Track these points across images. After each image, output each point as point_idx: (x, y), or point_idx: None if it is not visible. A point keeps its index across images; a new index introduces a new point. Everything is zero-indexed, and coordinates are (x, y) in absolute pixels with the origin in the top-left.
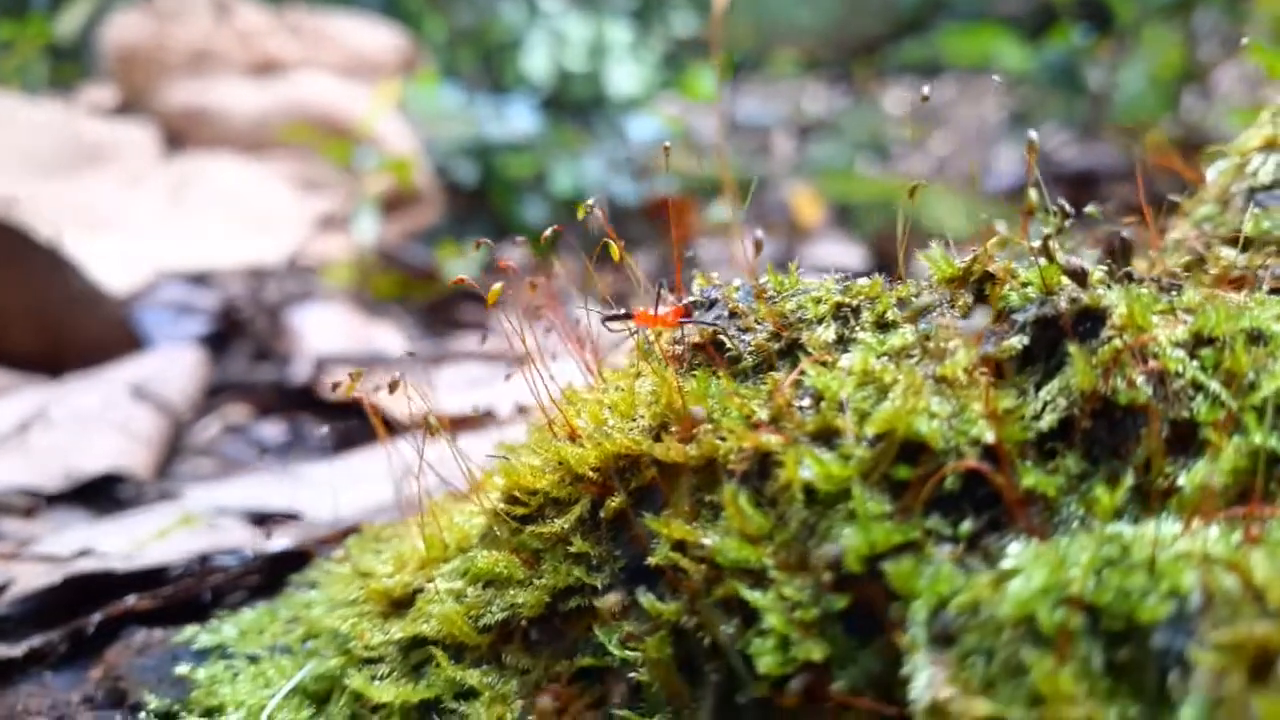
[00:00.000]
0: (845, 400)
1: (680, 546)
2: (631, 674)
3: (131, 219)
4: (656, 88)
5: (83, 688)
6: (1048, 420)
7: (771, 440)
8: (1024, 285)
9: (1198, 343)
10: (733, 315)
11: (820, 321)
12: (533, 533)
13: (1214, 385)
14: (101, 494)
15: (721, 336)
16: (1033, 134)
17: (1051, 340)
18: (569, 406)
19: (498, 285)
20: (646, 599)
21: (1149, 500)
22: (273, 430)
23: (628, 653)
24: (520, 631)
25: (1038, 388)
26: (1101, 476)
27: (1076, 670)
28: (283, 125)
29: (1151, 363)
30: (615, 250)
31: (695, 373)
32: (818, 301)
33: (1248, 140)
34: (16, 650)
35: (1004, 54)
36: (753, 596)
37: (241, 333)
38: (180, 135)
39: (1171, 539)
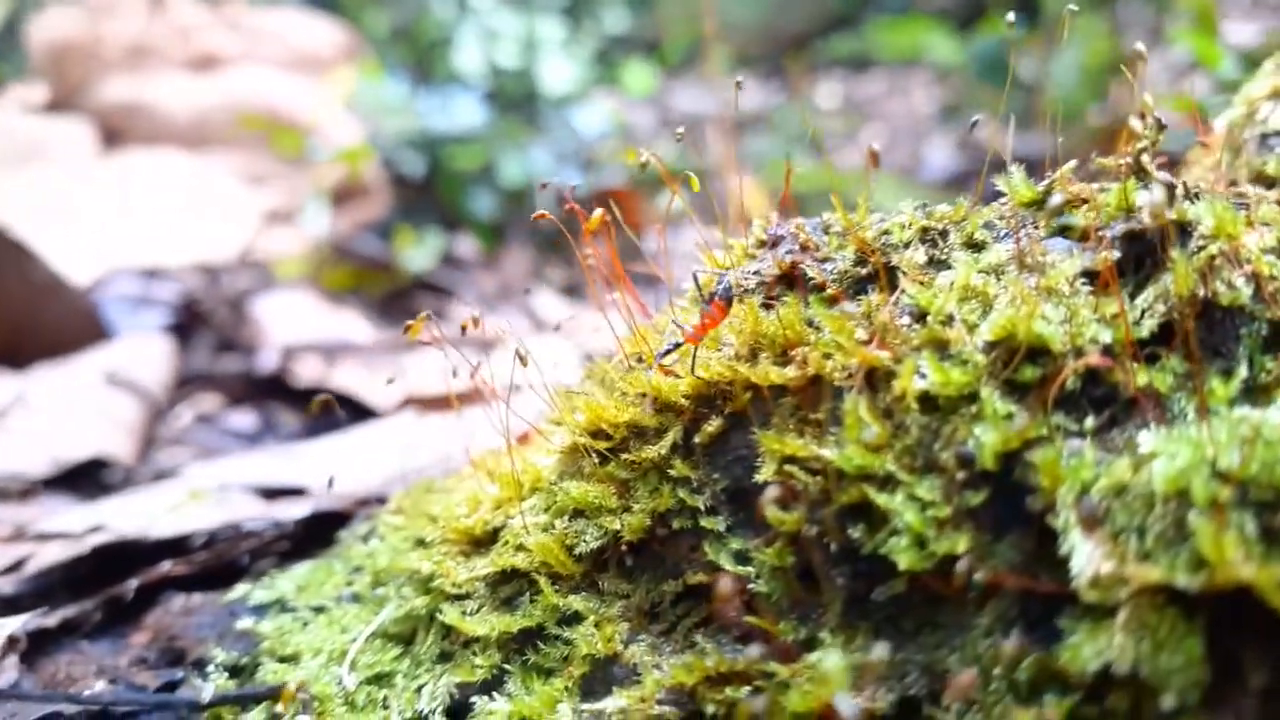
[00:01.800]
0: (954, 313)
1: (789, 462)
2: (750, 585)
3: (73, 216)
4: (590, 84)
5: (128, 652)
6: (1148, 325)
7: (881, 355)
8: (1103, 206)
9: None
10: (804, 249)
11: (908, 245)
12: (624, 461)
13: None
14: (88, 479)
15: (803, 266)
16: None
17: (1139, 254)
18: (651, 340)
19: (597, 213)
20: (770, 510)
21: (1255, 394)
22: (244, 419)
23: (742, 567)
24: (616, 558)
25: (1131, 297)
26: (1207, 373)
27: (1234, 537)
28: (224, 121)
29: (1246, 266)
30: (695, 181)
31: (785, 298)
32: (903, 227)
33: (1256, 89)
34: (50, 620)
35: (934, 46)
36: (883, 499)
37: (203, 324)
38: (118, 132)
39: None
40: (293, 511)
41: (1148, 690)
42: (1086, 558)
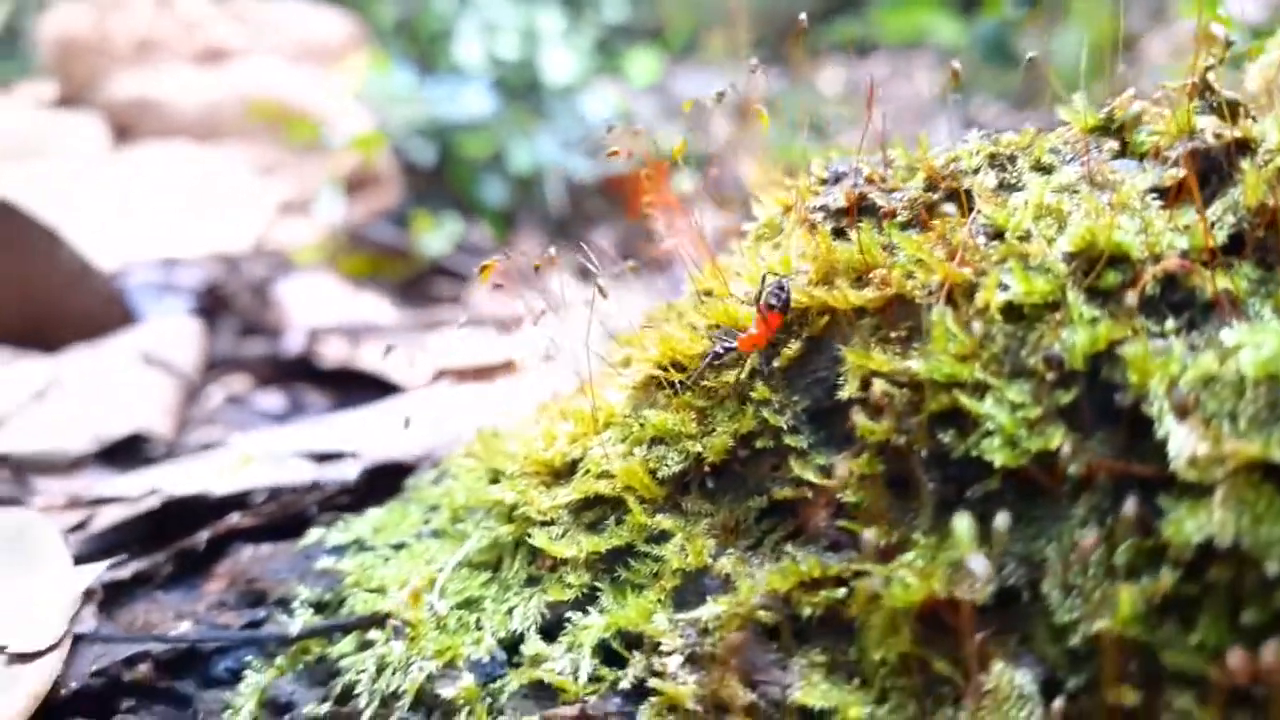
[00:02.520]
0: (1031, 229)
1: (875, 376)
2: (838, 495)
3: (87, 210)
4: (591, 74)
5: (204, 599)
6: (1219, 236)
7: (963, 270)
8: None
9: None
10: (869, 182)
11: (977, 171)
12: (702, 389)
13: None
14: (129, 455)
15: (871, 196)
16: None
17: (1204, 171)
18: (723, 272)
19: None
20: (860, 419)
21: None
22: (273, 400)
23: (828, 480)
24: (698, 481)
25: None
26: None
27: None
28: (234, 113)
29: None
30: (764, 118)
31: (859, 223)
32: (971, 154)
33: None
34: (124, 572)
35: (937, 29)
36: (973, 405)
37: (227, 308)
38: (128, 127)
39: None
40: (349, 470)
41: (1250, 561)
42: (1183, 440)
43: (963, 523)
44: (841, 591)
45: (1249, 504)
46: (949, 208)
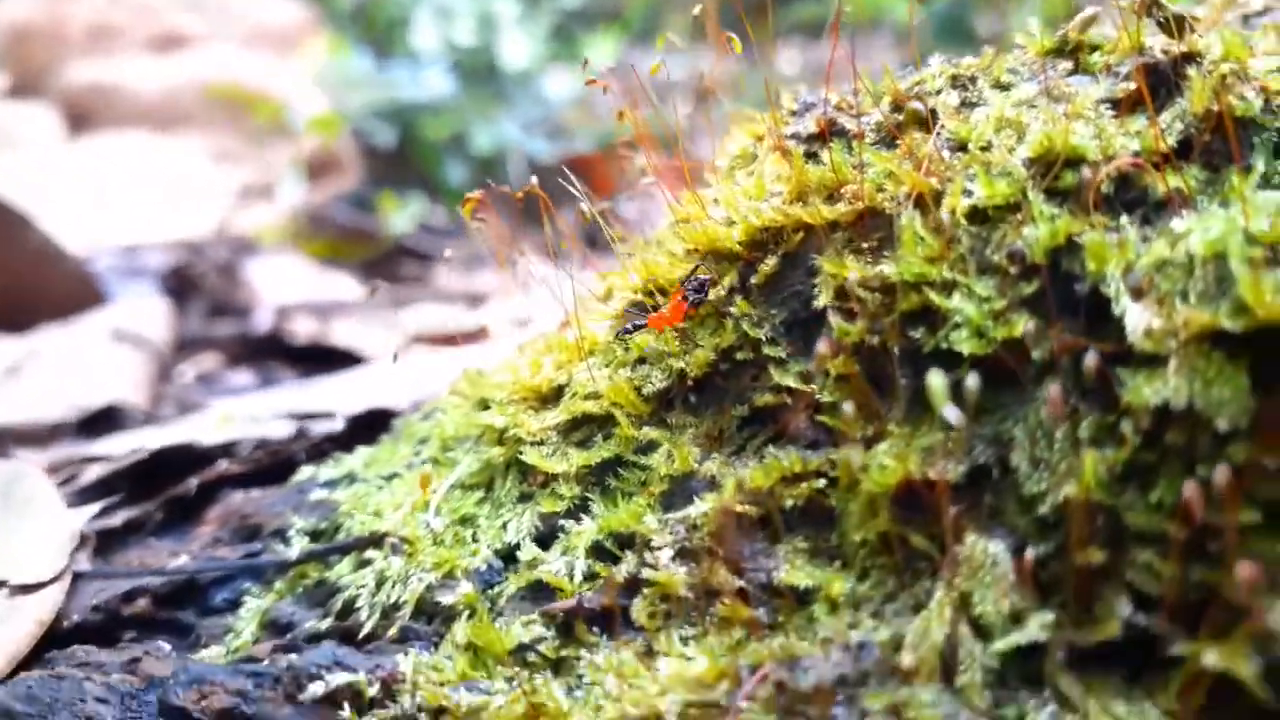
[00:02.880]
0: (992, 140)
1: (843, 290)
2: (817, 396)
3: (45, 199)
4: (547, 59)
5: (196, 541)
6: (1168, 142)
7: (930, 180)
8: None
9: None
10: (838, 109)
11: (939, 92)
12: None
13: None
14: (107, 425)
15: (841, 121)
16: None
17: (1152, 86)
18: (701, 199)
19: None
20: (835, 320)
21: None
22: (244, 378)
23: (806, 385)
24: (682, 396)
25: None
26: (1227, 172)
27: (1270, 284)
28: (192, 100)
29: (1255, 83)
30: (737, 44)
31: (831, 143)
32: (934, 77)
33: None
34: (115, 520)
35: (894, 7)
36: (942, 301)
37: (194, 289)
38: (84, 115)
39: None
40: (335, 420)
41: (1202, 421)
42: (1138, 316)
43: (936, 379)
44: (821, 483)
45: (1200, 370)
46: (912, 128)
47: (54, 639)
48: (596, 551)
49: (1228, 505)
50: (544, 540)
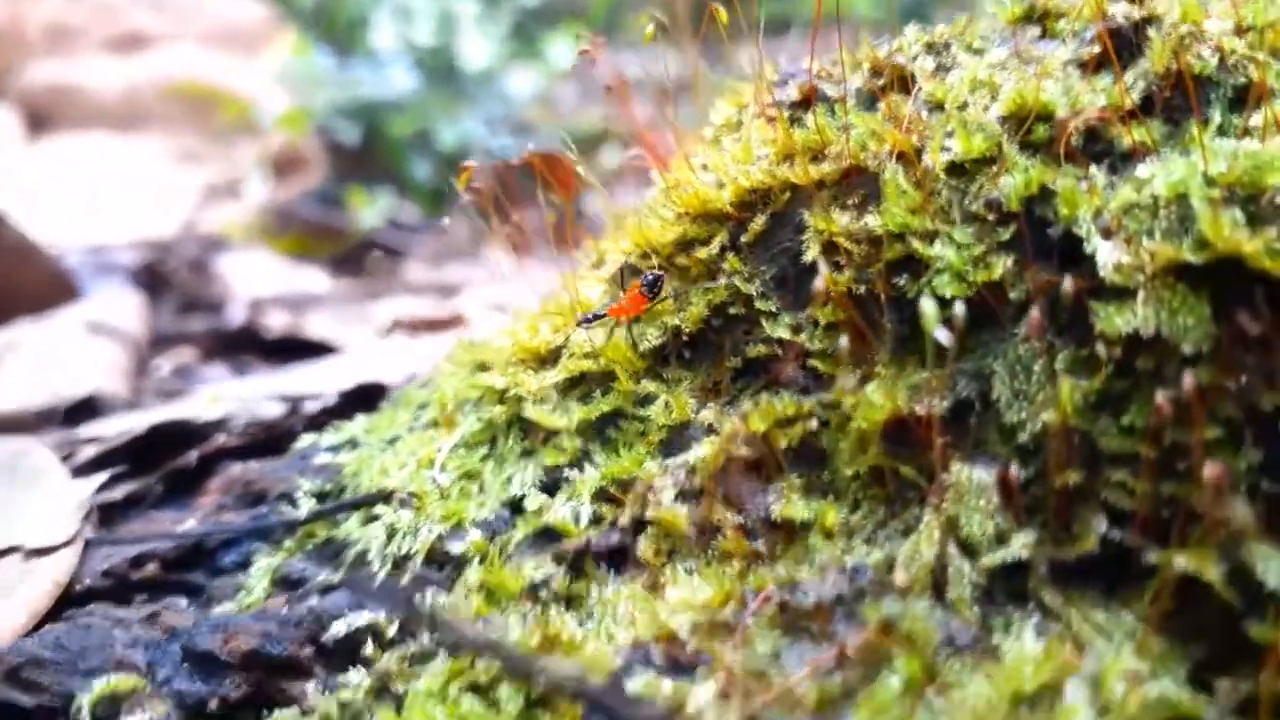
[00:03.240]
0: (968, 99)
1: (831, 243)
2: (807, 345)
3: (6, 202)
4: (508, 58)
5: (198, 511)
6: (1131, 99)
7: (910, 138)
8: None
9: (1238, 31)
10: (820, 78)
11: (916, 58)
12: (675, 269)
13: (1260, 55)
14: (88, 414)
15: (823, 88)
16: None
17: (1117, 48)
18: (689, 164)
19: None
20: (825, 271)
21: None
22: (219, 372)
23: (797, 336)
24: (676, 352)
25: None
26: (1185, 129)
27: (1228, 220)
28: (154, 99)
29: (1210, 43)
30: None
31: (814, 108)
32: (910, 44)
33: None
34: (116, 493)
35: (856, 3)
36: (925, 249)
37: (165, 286)
38: (44, 116)
39: (1265, 147)
40: (328, 395)
41: (1169, 348)
42: (1109, 253)
43: (928, 305)
44: (814, 424)
45: (1166, 301)
46: (891, 92)
47: (67, 602)
48: (600, 497)
49: (1194, 420)
50: (549, 490)
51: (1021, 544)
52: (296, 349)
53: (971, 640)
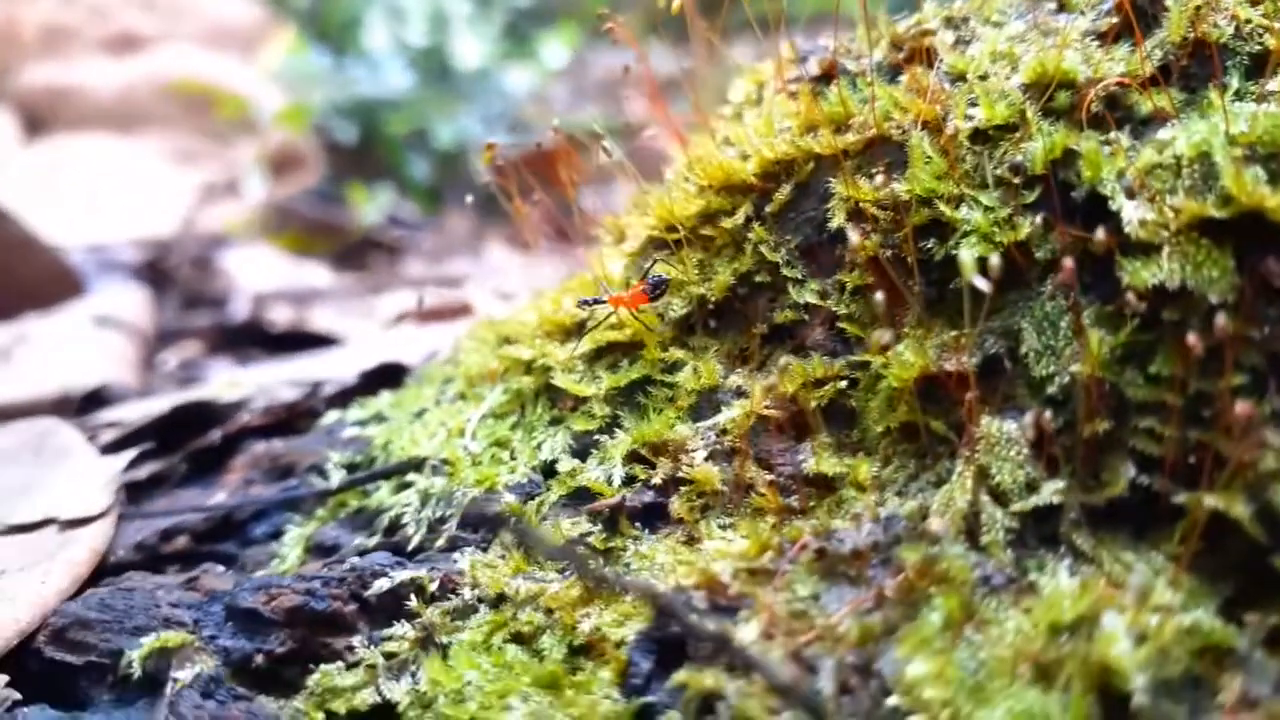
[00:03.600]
0: (989, 70)
1: (856, 210)
2: (835, 309)
3: (5, 201)
4: (499, 58)
5: (224, 489)
6: (1150, 66)
7: (932, 108)
8: None
9: (1253, 1)
10: (840, 54)
11: (935, 32)
12: (700, 240)
13: (1277, 24)
14: (99, 405)
15: (843, 63)
16: None
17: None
18: (713, 138)
19: None
20: (854, 236)
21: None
22: (224, 365)
23: (825, 301)
24: (701, 321)
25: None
26: (1203, 96)
27: (1250, 178)
28: (151, 100)
29: (1226, 12)
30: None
31: (836, 82)
32: (930, 18)
33: None
34: (140, 473)
35: None
36: (951, 213)
37: (168, 282)
38: (41, 118)
39: None
40: (348, 374)
41: (1195, 300)
42: (1133, 210)
43: (966, 254)
44: (844, 384)
45: (1190, 255)
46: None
47: (102, 574)
48: (632, 459)
49: (1225, 364)
50: (580, 455)
51: (1052, 490)
52: (301, 342)
53: (1006, 581)
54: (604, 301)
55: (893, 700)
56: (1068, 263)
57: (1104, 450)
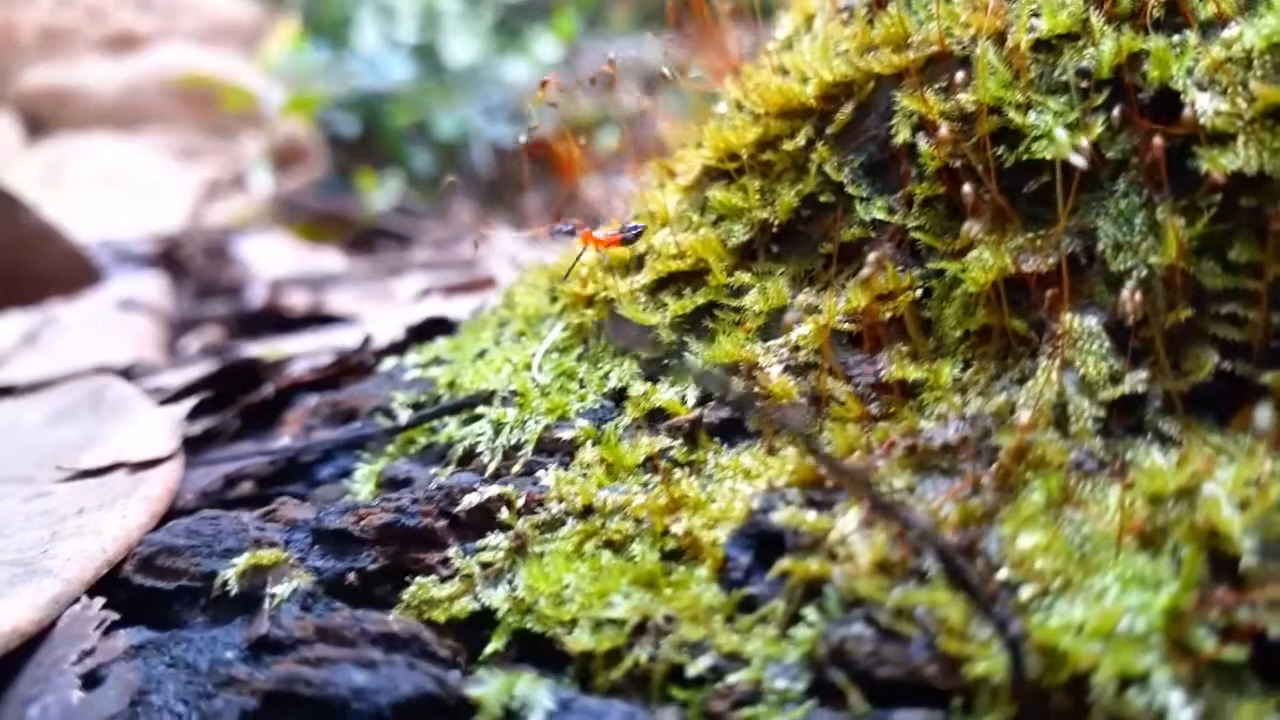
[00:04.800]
0: None
1: (921, 125)
2: (904, 222)
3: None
4: (491, 54)
5: (278, 440)
6: None
7: (994, 20)
8: None
9: None
10: None
11: None
12: (760, 165)
13: None
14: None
15: None
16: None
17: None
18: (770, 62)
19: None
20: (923, 144)
21: None
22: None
23: (892, 217)
24: (764, 246)
25: None
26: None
27: None
28: (152, 98)
29: None
30: None
31: (890, 4)
32: None
33: None
34: (195, 428)
35: None
36: (1020, 119)
37: (181, 272)
38: (42, 119)
39: None
40: (394, 332)
41: (1271, 184)
42: (1207, 101)
43: (1060, 132)
44: (918, 293)
45: (1266, 141)
46: None
47: (169, 518)
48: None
49: None
50: (650, 380)
51: (1137, 380)
52: (321, 326)
53: (1099, 465)
54: (575, 233)
55: (1002, 574)
56: (1157, 140)
57: (1185, 340)
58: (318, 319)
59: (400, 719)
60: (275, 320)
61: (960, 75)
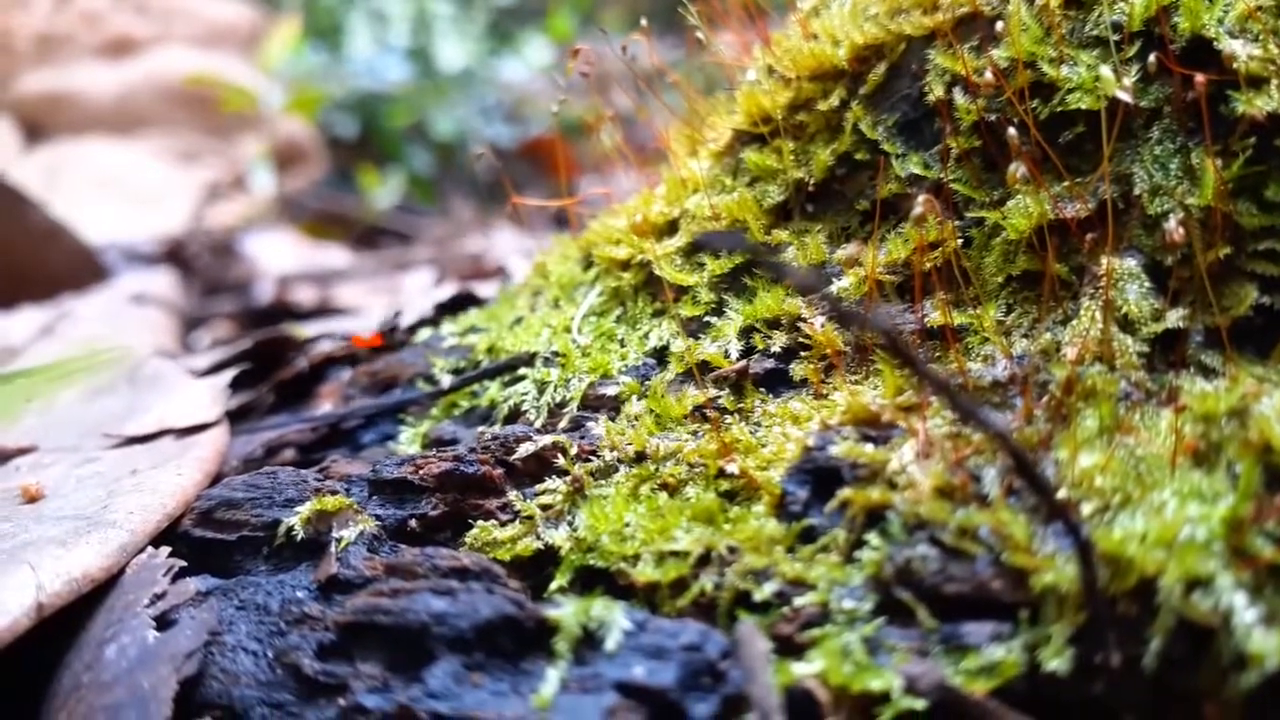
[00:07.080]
0: None
1: (954, 82)
2: (941, 176)
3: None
4: (484, 57)
5: (314, 411)
6: None
7: None
8: None
9: None
10: None
11: None
12: (793, 126)
13: None
14: None
15: None
16: None
17: None
18: (799, 30)
19: None
20: (961, 100)
21: None
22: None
23: (927, 170)
24: (799, 206)
25: None
26: None
27: None
28: (150, 102)
29: None
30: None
31: None
32: None
33: None
34: (231, 403)
35: None
36: (1053, 72)
37: (188, 270)
38: (39, 125)
39: None
40: (424, 307)
41: None
42: (1240, 47)
43: (1106, 70)
44: (958, 243)
45: None
46: None
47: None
48: (746, 334)
49: None
50: (692, 336)
51: (1178, 316)
52: (331, 317)
53: (1146, 395)
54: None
55: (1061, 494)
56: (1200, 77)
57: (1224, 277)
58: (327, 312)
59: (481, 641)
60: (285, 315)
61: (993, 31)
